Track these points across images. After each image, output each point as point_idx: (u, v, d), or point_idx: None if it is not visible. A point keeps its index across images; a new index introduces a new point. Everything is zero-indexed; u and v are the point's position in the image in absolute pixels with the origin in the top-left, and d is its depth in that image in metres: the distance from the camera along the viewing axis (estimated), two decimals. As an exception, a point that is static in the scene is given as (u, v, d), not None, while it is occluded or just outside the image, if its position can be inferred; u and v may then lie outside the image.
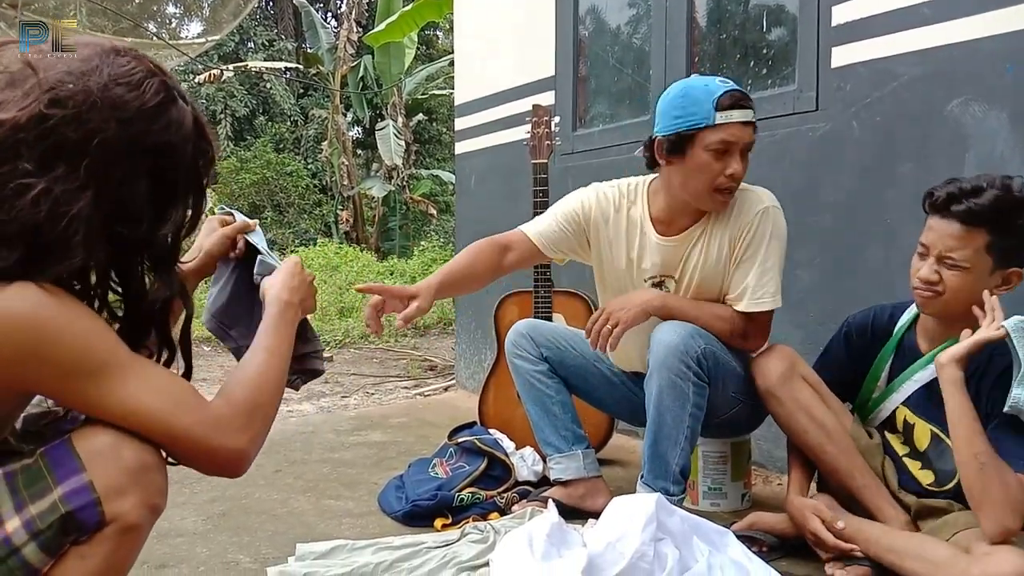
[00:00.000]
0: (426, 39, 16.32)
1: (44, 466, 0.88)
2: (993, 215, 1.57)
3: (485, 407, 2.79)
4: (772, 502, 2.24)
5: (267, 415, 1.04)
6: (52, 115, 0.88)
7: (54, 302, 0.88)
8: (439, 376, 4.91)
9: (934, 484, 1.74)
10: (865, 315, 1.89)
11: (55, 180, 0.88)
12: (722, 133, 1.85)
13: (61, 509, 0.87)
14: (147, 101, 0.94)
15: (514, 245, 2.10)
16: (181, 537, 2.02)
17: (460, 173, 4.33)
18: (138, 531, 0.93)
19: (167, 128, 0.96)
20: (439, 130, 15.60)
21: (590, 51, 3.47)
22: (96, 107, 0.90)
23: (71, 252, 0.90)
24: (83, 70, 0.91)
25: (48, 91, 0.88)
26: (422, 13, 8.57)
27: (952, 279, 1.62)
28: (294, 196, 14.02)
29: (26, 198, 0.87)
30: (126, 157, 0.92)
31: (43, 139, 0.88)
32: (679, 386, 1.86)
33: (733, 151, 1.87)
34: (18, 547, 0.86)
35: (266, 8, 18.54)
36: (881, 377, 1.85)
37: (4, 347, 0.86)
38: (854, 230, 2.34)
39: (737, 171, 1.88)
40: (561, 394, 2.18)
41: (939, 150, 2.15)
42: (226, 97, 15.49)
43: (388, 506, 2.24)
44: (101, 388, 0.90)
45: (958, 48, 2.10)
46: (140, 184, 0.94)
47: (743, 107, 1.86)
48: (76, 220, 0.89)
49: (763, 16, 2.76)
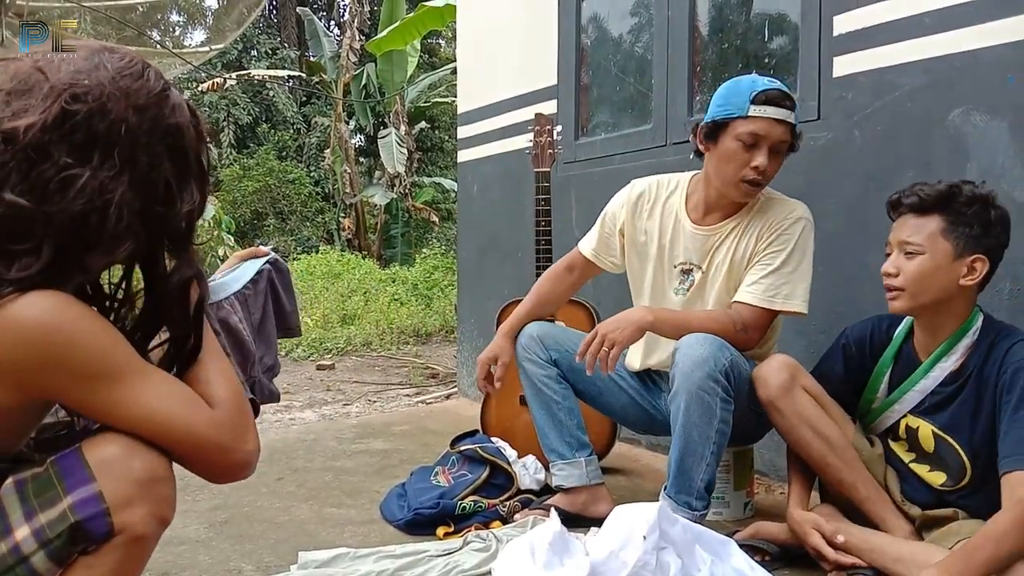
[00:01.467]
0: (429, 47, 16.39)
1: (54, 475, 0.89)
2: (941, 200, 1.65)
3: (487, 415, 2.79)
4: (775, 511, 2.24)
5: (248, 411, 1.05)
6: (76, 110, 0.90)
7: (74, 309, 0.90)
8: (441, 384, 4.90)
9: (947, 484, 1.72)
10: (863, 328, 1.88)
11: (95, 169, 0.90)
12: (752, 125, 1.93)
13: (70, 519, 0.87)
14: (152, 88, 0.97)
15: (574, 265, 2.30)
16: (183, 545, 2.02)
17: (462, 181, 4.34)
18: (145, 542, 0.93)
19: (173, 110, 0.99)
20: (441, 138, 15.65)
21: (592, 60, 3.49)
22: (113, 98, 0.93)
23: (118, 242, 0.92)
24: (90, 67, 0.94)
25: (66, 89, 0.90)
26: (425, 21, 8.61)
27: (910, 266, 1.66)
28: (296, 204, 14.06)
29: (73, 188, 0.89)
30: (148, 141, 0.95)
31: (73, 133, 0.90)
32: (707, 402, 1.84)
33: (762, 145, 1.94)
34: (27, 556, 0.86)
35: (269, 17, 18.64)
36: (881, 388, 1.84)
37: (26, 354, 0.87)
38: (856, 239, 2.35)
39: (761, 164, 1.94)
40: (568, 400, 2.18)
41: (940, 160, 2.15)
42: (229, 105, 15.56)
43: (390, 514, 2.23)
44: (121, 393, 0.91)
45: (959, 58, 2.10)
46: (164, 166, 0.97)
47: (779, 105, 1.93)
48: (120, 205, 0.92)
49: (765, 25, 2.77)
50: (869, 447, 1.84)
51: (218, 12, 13.58)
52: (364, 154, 15.99)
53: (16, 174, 0.88)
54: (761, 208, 2.06)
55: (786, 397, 1.82)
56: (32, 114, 0.89)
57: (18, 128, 0.88)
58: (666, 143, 2.96)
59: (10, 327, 0.86)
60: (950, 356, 1.71)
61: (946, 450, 1.71)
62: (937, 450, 1.73)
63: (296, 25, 17.32)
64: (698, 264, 2.08)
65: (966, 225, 1.64)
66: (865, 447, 1.83)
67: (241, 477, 1.00)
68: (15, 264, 0.88)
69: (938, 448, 1.73)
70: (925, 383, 1.75)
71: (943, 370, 1.72)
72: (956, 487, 1.72)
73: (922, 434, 1.76)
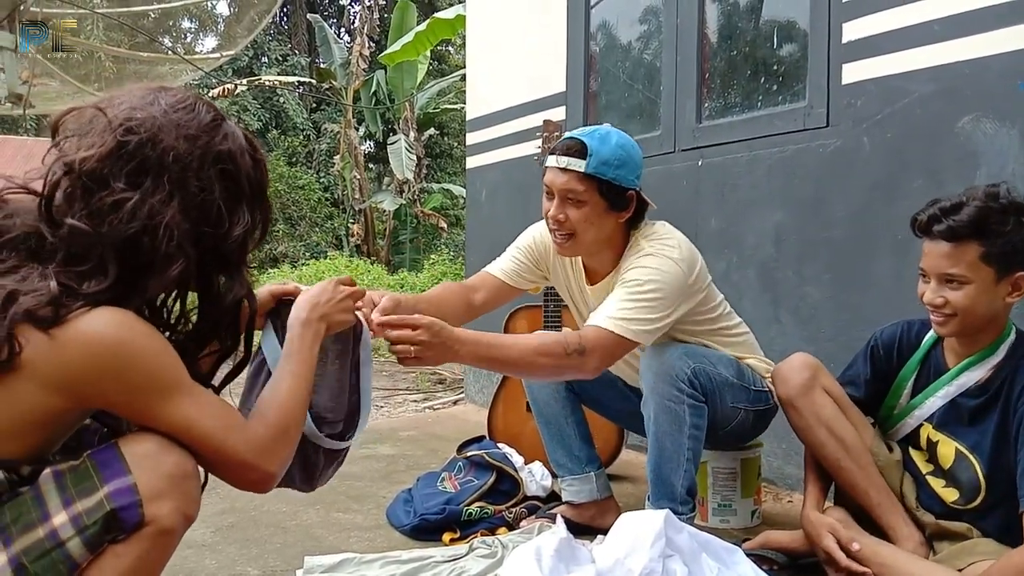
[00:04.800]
0: (438, 54, 16.43)
1: (91, 467, 0.95)
2: (976, 227, 1.57)
3: (494, 421, 2.79)
4: (782, 519, 2.23)
5: (295, 437, 1.15)
6: (129, 140, 1.00)
7: (138, 326, 0.99)
8: (448, 390, 4.91)
9: (959, 502, 1.71)
10: (893, 331, 1.86)
11: (145, 193, 0.99)
12: (545, 177, 1.89)
13: (106, 507, 0.93)
14: (203, 119, 1.06)
15: (479, 285, 2.10)
16: (190, 549, 2.02)
17: (471, 187, 4.35)
18: (171, 535, 0.99)
19: (226, 139, 1.08)
20: (450, 144, 15.68)
21: (601, 67, 3.49)
22: (164, 129, 1.02)
23: (170, 261, 1.00)
24: (144, 103, 1.04)
25: (121, 125, 1.00)
26: (435, 32, 8.66)
27: (957, 297, 1.61)
28: (306, 209, 14.09)
29: (124, 210, 0.98)
30: (199, 168, 1.04)
31: (127, 162, 1.00)
32: (673, 410, 1.86)
33: (552, 193, 1.88)
34: (64, 541, 0.92)
35: (280, 23, 18.74)
36: (904, 393, 1.82)
37: (88, 365, 0.95)
38: (864, 246, 2.34)
39: (551, 212, 1.87)
40: (576, 413, 2.17)
41: (950, 167, 2.15)
42: (239, 111, 15.63)
43: (396, 520, 2.23)
44: (166, 406, 1.00)
45: (969, 65, 2.10)
46: (215, 191, 1.05)
47: (559, 153, 1.85)
48: (169, 227, 1.00)
49: (774, 32, 2.77)
50: (887, 452, 1.82)
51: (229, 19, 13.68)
52: (373, 160, 16.03)
53: (79, 202, 0.98)
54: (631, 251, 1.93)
55: (805, 397, 1.80)
56: (93, 148, 0.99)
57: (76, 160, 0.98)
58: (674, 149, 2.96)
59: (78, 339, 0.94)
60: (979, 367, 1.68)
61: (964, 469, 1.69)
62: (954, 467, 1.71)
63: (307, 32, 17.40)
64: None
65: (1004, 246, 1.58)
66: (883, 452, 1.82)
67: (262, 490, 1.10)
68: (86, 282, 0.97)
69: (956, 465, 1.71)
70: (949, 389, 1.72)
71: (969, 379, 1.70)
72: (967, 507, 1.70)
73: (942, 448, 1.73)
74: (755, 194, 2.67)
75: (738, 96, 2.86)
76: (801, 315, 2.51)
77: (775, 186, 2.62)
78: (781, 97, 2.68)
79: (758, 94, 2.76)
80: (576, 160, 1.83)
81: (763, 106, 2.73)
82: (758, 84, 2.78)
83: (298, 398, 1.16)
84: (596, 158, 1.82)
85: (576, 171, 1.83)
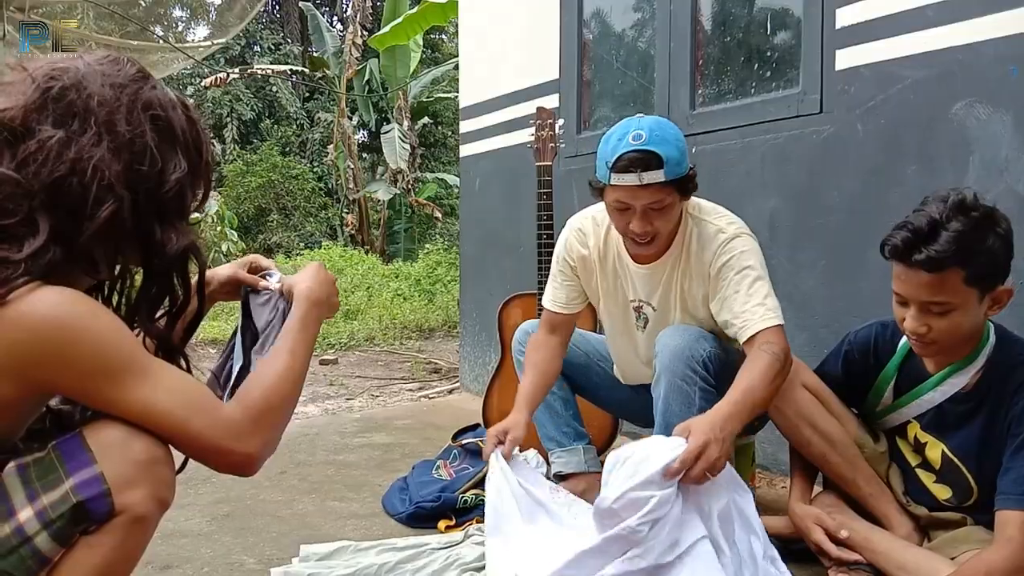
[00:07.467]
0: (431, 43, 16.37)
1: (56, 458, 0.92)
2: (957, 254, 1.48)
3: (489, 409, 2.79)
4: (776, 505, 2.24)
5: (281, 419, 1.07)
6: (52, 86, 0.97)
7: (82, 306, 0.93)
8: (443, 378, 4.91)
9: (951, 500, 1.71)
10: (867, 334, 1.82)
11: (72, 134, 0.96)
12: (615, 194, 1.83)
13: (72, 499, 0.90)
14: (129, 71, 1.03)
15: (553, 326, 2.14)
16: (186, 538, 2.03)
17: (465, 176, 4.34)
18: (146, 523, 0.95)
19: (154, 88, 1.05)
20: (444, 133, 15.64)
21: (594, 54, 3.48)
22: (88, 77, 0.99)
23: (100, 203, 0.95)
24: (68, 58, 1.02)
25: (44, 75, 0.98)
26: (427, 17, 8.60)
27: (942, 323, 1.55)
28: (300, 199, 14.06)
29: (50, 152, 0.94)
30: (128, 112, 1.00)
31: (52, 109, 0.96)
32: (685, 390, 1.85)
33: (632, 210, 1.83)
34: (30, 536, 0.89)
35: (272, 12, 18.62)
36: (886, 394, 1.80)
37: (31, 351, 0.90)
38: (858, 232, 2.34)
39: (636, 228, 1.84)
40: (563, 391, 2.22)
41: (943, 152, 2.15)
42: (232, 100, 15.55)
43: (392, 508, 2.24)
44: (120, 389, 0.94)
45: (962, 51, 2.10)
46: (147, 135, 1.01)
47: (631, 171, 1.78)
48: (98, 168, 0.95)
49: (767, 19, 2.77)
50: (872, 443, 1.82)
51: (221, 7, 13.57)
52: (367, 150, 15.98)
53: (6, 154, 0.95)
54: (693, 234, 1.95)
55: (785, 396, 1.79)
56: (15, 98, 0.96)
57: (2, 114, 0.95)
58: (668, 137, 2.95)
59: (20, 322, 0.89)
60: (962, 374, 1.66)
61: (953, 471, 1.69)
62: (944, 469, 1.71)
63: (299, 20, 17.29)
64: (647, 301, 2.03)
65: (986, 265, 1.52)
66: (868, 443, 1.82)
67: (242, 473, 1.02)
68: (18, 245, 0.91)
69: (945, 467, 1.71)
70: (933, 395, 1.70)
71: (953, 386, 1.68)
72: (961, 505, 1.70)
73: (930, 449, 1.73)
74: (749, 181, 2.67)
75: (732, 83, 2.85)
76: (795, 301, 2.51)
77: (769, 173, 2.62)
78: (775, 84, 2.67)
79: (752, 81, 2.75)
80: (653, 173, 1.78)
81: (757, 93, 2.72)
82: (752, 71, 2.77)
83: (290, 377, 1.10)
84: (670, 162, 1.78)
85: (657, 183, 1.79)
